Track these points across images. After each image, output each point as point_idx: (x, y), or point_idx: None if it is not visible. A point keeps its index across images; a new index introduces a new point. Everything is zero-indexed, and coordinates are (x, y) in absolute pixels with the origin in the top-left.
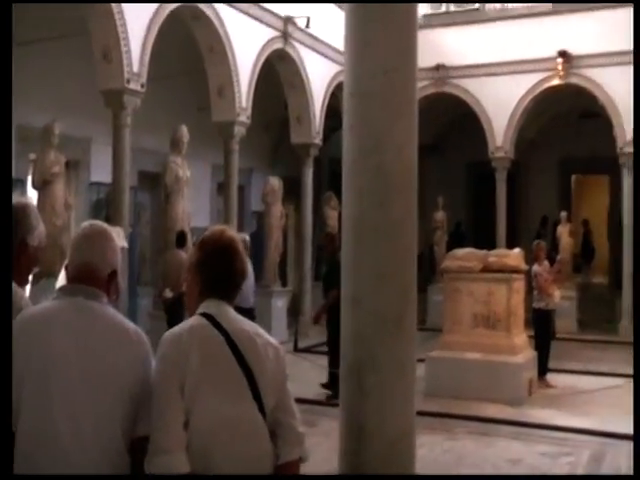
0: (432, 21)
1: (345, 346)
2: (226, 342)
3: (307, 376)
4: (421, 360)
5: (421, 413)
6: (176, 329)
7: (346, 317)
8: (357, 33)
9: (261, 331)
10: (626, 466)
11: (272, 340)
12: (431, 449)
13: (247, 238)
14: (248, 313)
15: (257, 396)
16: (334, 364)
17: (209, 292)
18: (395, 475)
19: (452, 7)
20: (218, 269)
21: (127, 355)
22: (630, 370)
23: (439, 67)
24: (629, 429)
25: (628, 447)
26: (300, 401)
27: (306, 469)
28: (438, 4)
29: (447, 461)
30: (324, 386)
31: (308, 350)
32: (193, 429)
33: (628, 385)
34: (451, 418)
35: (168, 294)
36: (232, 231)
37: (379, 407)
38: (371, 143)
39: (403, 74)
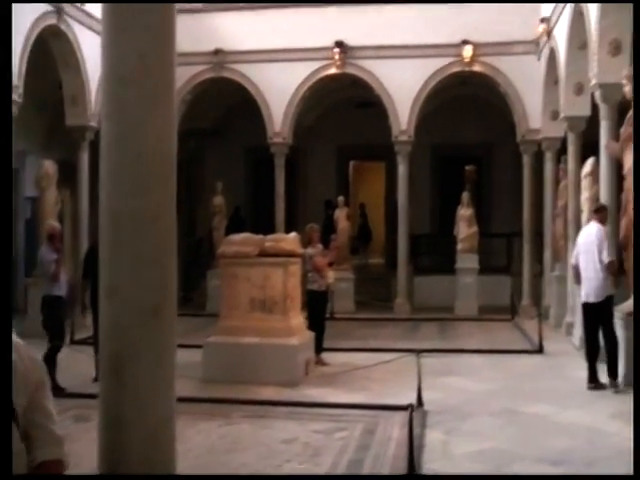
0: (211, 5)
1: (103, 337)
2: None
3: (82, 369)
4: (200, 346)
5: (198, 400)
6: None
7: (104, 307)
8: (113, 16)
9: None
10: (396, 435)
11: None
12: (208, 435)
13: (57, 226)
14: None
15: None
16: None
17: None
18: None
19: None
20: None
21: None
22: (403, 345)
23: (217, 52)
24: (400, 400)
25: (399, 417)
26: (75, 396)
27: (82, 464)
28: None
29: (223, 446)
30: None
31: (84, 342)
32: None
33: (400, 359)
34: (228, 403)
35: None
36: None
37: (137, 397)
38: (127, 130)
39: (160, 59)
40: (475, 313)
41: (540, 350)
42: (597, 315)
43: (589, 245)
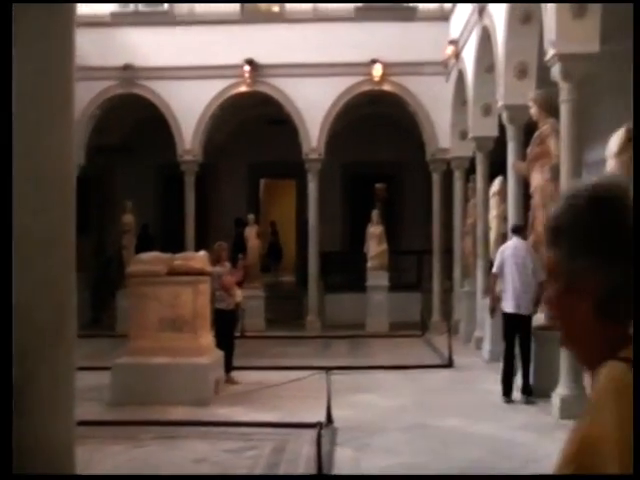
0: (120, 20)
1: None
2: None
3: None
4: (109, 368)
5: (105, 423)
6: None
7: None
8: (13, 30)
9: None
10: (306, 453)
11: None
12: (115, 459)
13: None
14: None
15: None
16: None
17: None
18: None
19: (141, 7)
20: None
21: None
22: (314, 362)
23: (127, 67)
24: (311, 418)
25: (308, 435)
26: None
27: None
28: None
29: (132, 469)
30: None
31: None
32: None
33: (311, 377)
34: (137, 425)
35: None
36: None
37: (35, 423)
38: (25, 146)
39: (59, 75)
40: (386, 330)
41: (450, 364)
42: (518, 328)
43: (519, 258)
